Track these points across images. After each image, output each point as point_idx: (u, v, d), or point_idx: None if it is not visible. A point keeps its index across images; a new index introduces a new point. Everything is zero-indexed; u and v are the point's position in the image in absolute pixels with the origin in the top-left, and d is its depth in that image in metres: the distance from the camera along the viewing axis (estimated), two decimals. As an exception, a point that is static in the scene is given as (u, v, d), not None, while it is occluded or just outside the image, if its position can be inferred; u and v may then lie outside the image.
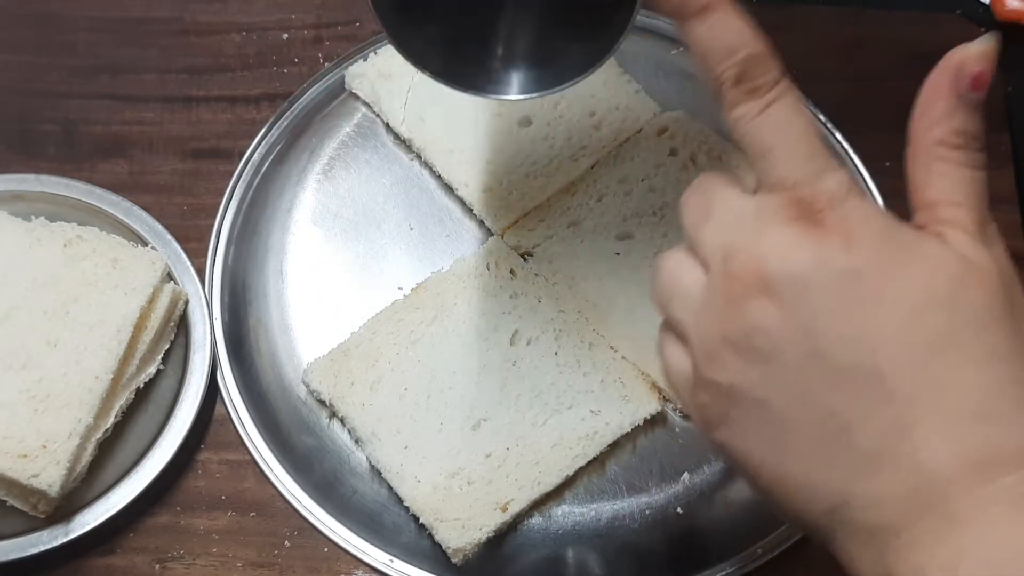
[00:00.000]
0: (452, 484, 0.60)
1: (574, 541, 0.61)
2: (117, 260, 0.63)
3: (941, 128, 0.41)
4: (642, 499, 0.62)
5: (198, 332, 0.64)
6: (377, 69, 0.71)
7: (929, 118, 0.42)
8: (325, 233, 0.69)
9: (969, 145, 0.41)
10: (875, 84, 0.75)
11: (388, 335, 0.64)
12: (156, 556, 0.61)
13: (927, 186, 0.42)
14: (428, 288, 0.65)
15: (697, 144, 0.69)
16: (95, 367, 0.60)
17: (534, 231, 0.67)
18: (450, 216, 0.69)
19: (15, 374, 0.59)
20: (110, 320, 0.61)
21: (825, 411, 0.39)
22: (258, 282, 0.67)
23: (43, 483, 0.57)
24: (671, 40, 0.75)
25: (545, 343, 0.64)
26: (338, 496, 0.62)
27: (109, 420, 0.61)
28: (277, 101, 0.73)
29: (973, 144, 0.41)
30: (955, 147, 0.41)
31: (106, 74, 0.74)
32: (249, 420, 0.64)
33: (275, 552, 0.61)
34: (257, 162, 0.71)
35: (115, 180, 0.70)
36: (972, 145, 0.41)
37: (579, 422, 0.62)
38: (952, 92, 0.41)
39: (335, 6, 0.76)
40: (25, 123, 0.72)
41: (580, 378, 0.63)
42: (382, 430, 0.61)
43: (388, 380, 0.62)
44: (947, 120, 0.41)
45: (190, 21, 0.76)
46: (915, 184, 0.42)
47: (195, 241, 0.68)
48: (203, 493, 0.62)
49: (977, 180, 0.41)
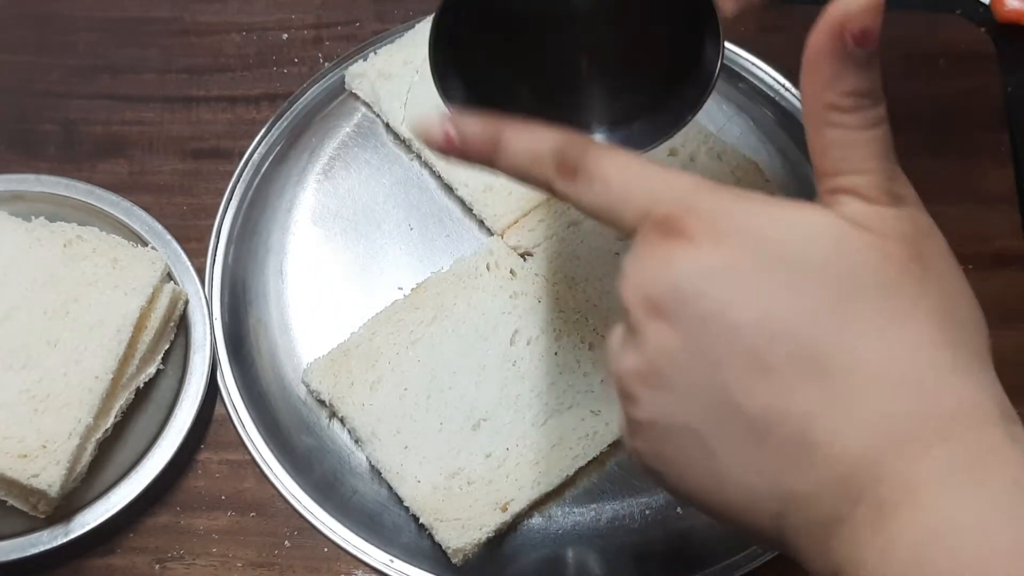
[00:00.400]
0: (452, 484, 0.60)
1: (574, 541, 0.61)
2: (117, 260, 0.63)
3: (831, 92, 0.38)
4: (642, 499, 0.62)
5: (198, 332, 0.64)
6: (377, 69, 0.71)
7: (817, 82, 0.38)
8: (325, 233, 0.69)
9: (862, 105, 0.38)
10: (875, 84, 0.75)
11: (388, 335, 0.64)
12: (156, 556, 0.61)
13: (823, 155, 0.39)
14: (428, 288, 0.65)
15: (697, 144, 0.69)
16: (95, 367, 0.60)
17: (534, 231, 0.67)
18: (450, 216, 0.69)
19: (15, 374, 0.59)
20: (110, 320, 0.61)
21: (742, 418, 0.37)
22: (258, 282, 0.67)
23: (43, 483, 0.57)
24: (671, 40, 0.75)
25: (545, 343, 0.64)
26: (338, 496, 0.62)
27: (109, 420, 0.61)
28: (277, 101, 0.73)
29: (866, 103, 0.38)
30: (847, 110, 0.38)
31: (106, 74, 0.74)
32: (249, 420, 0.64)
33: (275, 552, 0.61)
34: (257, 162, 0.71)
35: (115, 180, 0.70)
36: (865, 104, 0.38)
37: (579, 422, 0.62)
38: (838, 52, 0.37)
39: (335, 6, 0.76)
40: (25, 123, 0.72)
41: (580, 378, 0.63)
42: (382, 430, 0.61)
43: (388, 380, 0.62)
44: (836, 83, 0.38)
45: (190, 21, 0.76)
46: (812, 152, 0.39)
47: (195, 241, 0.68)
48: (203, 493, 0.62)
49: (876, 139, 0.38)
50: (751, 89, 0.74)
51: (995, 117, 0.74)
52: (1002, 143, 0.73)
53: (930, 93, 0.75)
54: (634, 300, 0.39)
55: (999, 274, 0.69)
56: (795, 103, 0.74)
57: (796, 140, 0.72)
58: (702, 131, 0.70)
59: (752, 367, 0.37)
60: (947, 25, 0.77)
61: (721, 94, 0.73)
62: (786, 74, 0.74)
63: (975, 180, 0.72)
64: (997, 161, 0.73)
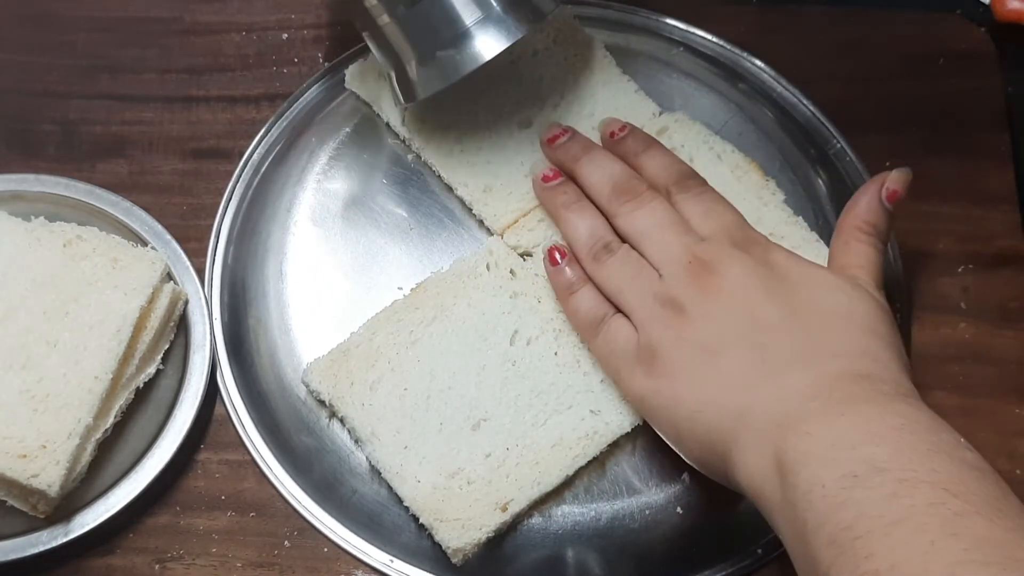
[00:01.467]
0: (452, 484, 0.60)
1: (574, 541, 0.61)
2: (117, 260, 0.63)
3: (861, 218, 0.59)
4: (642, 499, 0.62)
5: (198, 332, 0.64)
6: (377, 69, 0.71)
7: (854, 211, 0.60)
8: (325, 233, 0.69)
9: (875, 234, 0.59)
10: (875, 84, 0.75)
11: (388, 335, 0.64)
12: (156, 556, 0.61)
13: (843, 255, 0.59)
14: (428, 288, 0.65)
15: (697, 144, 0.69)
16: (95, 367, 0.60)
17: (534, 231, 0.67)
18: (450, 216, 0.69)
19: (15, 374, 0.59)
20: (110, 320, 0.61)
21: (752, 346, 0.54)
22: (258, 282, 0.67)
23: (43, 483, 0.57)
24: (671, 40, 0.75)
25: (545, 343, 0.64)
26: (338, 496, 0.62)
27: (109, 420, 0.61)
28: (277, 101, 0.73)
29: (878, 235, 0.59)
30: (866, 233, 0.59)
31: (106, 74, 0.74)
32: (249, 420, 0.64)
33: (275, 552, 0.61)
34: (257, 162, 0.71)
35: (115, 180, 0.70)
36: (878, 235, 0.59)
37: (579, 422, 0.62)
38: (876, 196, 0.60)
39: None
40: (25, 123, 0.72)
41: (580, 378, 0.63)
42: (382, 430, 0.61)
43: (388, 380, 0.62)
44: (866, 213, 0.60)
45: (190, 21, 0.76)
46: (834, 253, 0.60)
47: (195, 241, 0.68)
48: (203, 493, 0.62)
49: (877, 255, 0.59)
50: (751, 89, 0.74)
51: (995, 117, 0.74)
52: (1002, 143, 0.73)
53: (930, 93, 0.75)
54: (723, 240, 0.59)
55: (999, 274, 0.69)
56: (795, 103, 0.74)
57: (796, 140, 0.72)
58: (702, 131, 0.70)
59: (779, 323, 0.55)
60: (947, 25, 0.77)
61: (721, 94, 0.73)
62: (786, 74, 0.74)
63: (975, 180, 0.72)
64: (997, 161, 0.73)
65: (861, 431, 0.49)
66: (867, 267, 0.58)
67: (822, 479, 0.48)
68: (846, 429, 0.49)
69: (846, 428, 0.50)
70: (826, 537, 0.46)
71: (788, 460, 0.50)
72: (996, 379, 0.67)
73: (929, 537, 0.44)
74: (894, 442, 0.48)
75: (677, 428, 0.56)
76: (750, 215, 0.64)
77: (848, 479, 0.47)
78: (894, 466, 0.47)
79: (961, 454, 0.48)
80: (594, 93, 0.71)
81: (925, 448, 0.48)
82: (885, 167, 0.71)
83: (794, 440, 0.50)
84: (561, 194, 0.66)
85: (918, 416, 0.50)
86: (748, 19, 0.77)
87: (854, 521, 0.46)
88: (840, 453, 0.48)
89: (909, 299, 0.68)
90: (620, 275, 0.61)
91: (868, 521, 0.45)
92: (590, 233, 0.63)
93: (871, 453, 0.48)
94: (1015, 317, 0.68)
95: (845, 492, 0.47)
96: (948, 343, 0.68)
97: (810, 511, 0.48)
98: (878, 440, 0.48)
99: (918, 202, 0.68)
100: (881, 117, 0.74)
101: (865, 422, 0.50)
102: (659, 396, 0.57)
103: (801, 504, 0.48)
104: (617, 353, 0.60)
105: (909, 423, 0.49)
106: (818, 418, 0.50)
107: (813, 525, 0.47)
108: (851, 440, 0.49)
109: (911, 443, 0.48)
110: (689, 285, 0.58)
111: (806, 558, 0.48)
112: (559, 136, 0.68)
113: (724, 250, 0.59)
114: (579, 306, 0.62)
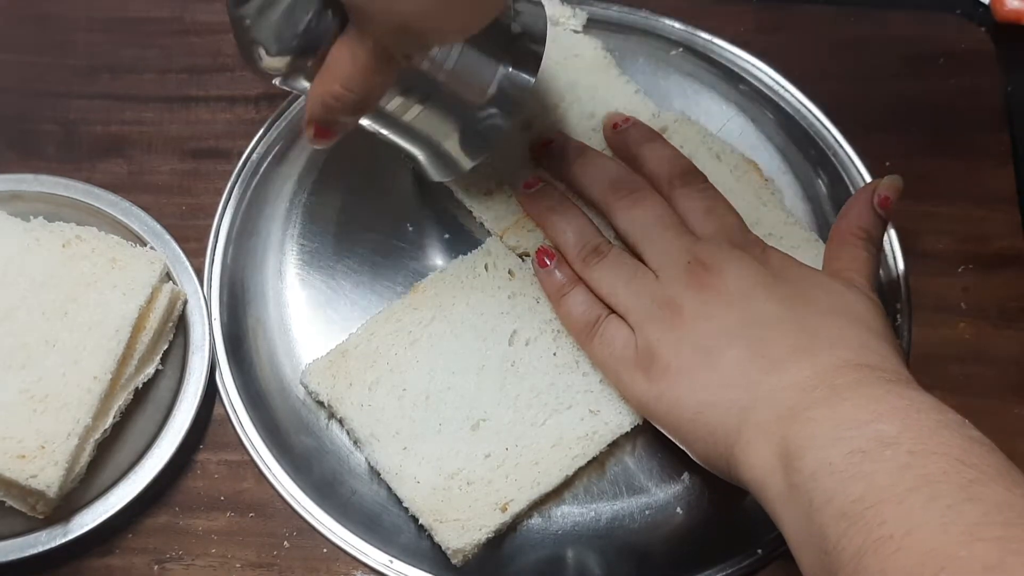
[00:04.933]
0: (451, 485, 0.60)
1: (574, 541, 0.61)
2: (116, 260, 0.63)
3: (854, 224, 0.61)
4: (642, 499, 0.62)
5: (197, 332, 0.64)
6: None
7: (848, 217, 0.61)
8: (324, 233, 0.68)
9: (869, 239, 0.60)
10: (875, 84, 0.75)
11: (387, 336, 0.64)
12: (155, 556, 0.61)
13: (837, 259, 0.60)
14: (427, 288, 0.65)
15: (697, 144, 0.69)
16: (94, 367, 0.59)
17: (533, 232, 0.67)
18: (450, 216, 0.69)
19: (14, 374, 0.59)
20: (109, 320, 0.61)
21: (752, 342, 0.55)
22: (257, 282, 0.67)
23: (42, 484, 0.57)
24: (671, 40, 0.75)
25: (543, 343, 0.64)
26: (337, 497, 0.62)
27: (108, 420, 0.60)
28: (276, 101, 0.73)
29: (871, 239, 0.60)
30: (860, 237, 0.60)
31: (106, 74, 0.74)
32: (248, 421, 0.64)
33: (274, 553, 0.61)
34: (256, 162, 0.71)
35: (114, 180, 0.70)
36: (871, 239, 0.60)
37: (578, 422, 0.62)
38: (868, 202, 0.61)
39: (334, 6, 0.76)
40: (25, 123, 0.72)
41: (579, 378, 0.63)
42: (381, 431, 0.61)
43: (387, 381, 0.62)
44: (859, 219, 0.61)
45: (190, 21, 0.76)
46: (828, 257, 0.61)
47: (194, 241, 0.68)
48: (202, 494, 0.62)
49: (871, 258, 0.60)
50: (751, 89, 0.74)
51: (995, 117, 0.74)
52: (1002, 143, 0.73)
53: (930, 93, 0.75)
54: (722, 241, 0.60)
55: (999, 274, 0.69)
56: (795, 103, 0.74)
57: (796, 140, 0.72)
58: (702, 131, 0.70)
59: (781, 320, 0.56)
60: (947, 25, 0.77)
61: (721, 94, 0.73)
62: (786, 74, 0.74)
63: (975, 180, 0.72)
64: (997, 161, 0.73)
65: (867, 411, 0.49)
66: (861, 269, 0.59)
67: (829, 458, 0.47)
68: (851, 411, 0.49)
69: (851, 410, 0.49)
70: (835, 511, 0.46)
71: (793, 447, 0.49)
72: (996, 379, 0.67)
73: (946, 502, 0.43)
74: (901, 419, 0.48)
75: (681, 430, 0.56)
76: (749, 215, 0.64)
77: (857, 455, 0.47)
78: (904, 439, 0.46)
79: (968, 431, 0.48)
80: (594, 94, 0.71)
81: (933, 424, 0.47)
82: (885, 167, 0.71)
83: (798, 427, 0.50)
84: (545, 198, 0.66)
85: (922, 398, 0.50)
86: (748, 19, 0.77)
87: (865, 492, 0.45)
88: (847, 432, 0.48)
89: (909, 299, 0.68)
90: (613, 277, 0.61)
91: (879, 491, 0.45)
92: (578, 236, 0.63)
93: (879, 429, 0.47)
94: (1015, 317, 0.68)
95: (854, 467, 0.46)
96: (948, 343, 0.67)
97: (817, 490, 0.47)
98: (885, 418, 0.48)
99: (918, 202, 0.68)
100: (881, 117, 0.74)
101: (870, 403, 0.49)
102: (661, 400, 0.57)
103: (807, 486, 0.48)
104: (616, 357, 0.60)
105: (915, 403, 0.49)
106: (821, 404, 0.50)
107: (820, 502, 0.47)
108: (857, 420, 0.48)
109: (918, 420, 0.48)
110: (688, 286, 0.58)
111: (812, 538, 0.47)
112: (549, 143, 0.68)
113: (723, 250, 0.59)
114: (572, 308, 0.62)
